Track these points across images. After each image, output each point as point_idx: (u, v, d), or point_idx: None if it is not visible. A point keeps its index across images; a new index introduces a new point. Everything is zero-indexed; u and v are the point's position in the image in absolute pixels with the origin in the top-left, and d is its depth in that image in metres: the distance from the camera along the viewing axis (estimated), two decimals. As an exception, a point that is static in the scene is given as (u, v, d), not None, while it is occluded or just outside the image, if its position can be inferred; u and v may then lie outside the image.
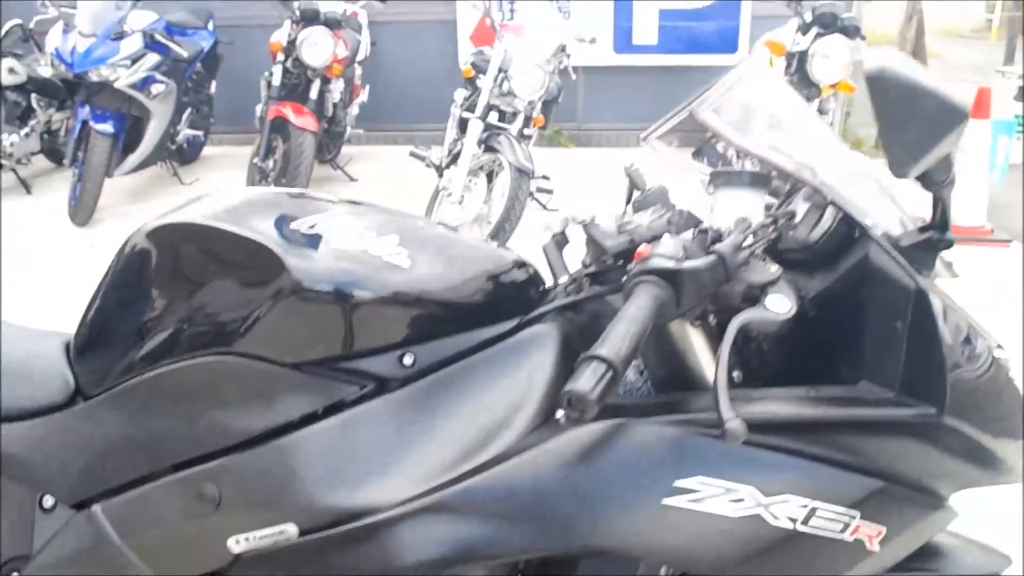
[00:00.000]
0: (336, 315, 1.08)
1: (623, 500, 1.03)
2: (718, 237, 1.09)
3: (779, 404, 1.06)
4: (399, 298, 1.10)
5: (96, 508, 1.17)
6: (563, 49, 4.66)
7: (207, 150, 6.42)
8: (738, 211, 1.12)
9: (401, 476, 1.07)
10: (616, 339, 0.92)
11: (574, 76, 4.96)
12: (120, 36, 4.93)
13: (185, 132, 5.70)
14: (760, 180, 1.14)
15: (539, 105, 4.59)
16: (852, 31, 4.33)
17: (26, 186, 5.61)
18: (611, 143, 6.52)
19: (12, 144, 5.48)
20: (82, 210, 4.91)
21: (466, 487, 1.05)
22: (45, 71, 5.41)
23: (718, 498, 1.01)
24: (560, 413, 1.08)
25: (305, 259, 1.09)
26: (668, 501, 1.02)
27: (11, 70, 5.45)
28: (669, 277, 1.00)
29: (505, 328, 1.14)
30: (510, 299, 1.19)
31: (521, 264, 1.23)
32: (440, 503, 1.05)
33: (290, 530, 1.08)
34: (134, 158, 5.15)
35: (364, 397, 1.10)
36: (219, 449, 1.12)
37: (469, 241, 1.27)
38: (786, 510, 1.02)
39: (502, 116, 4.46)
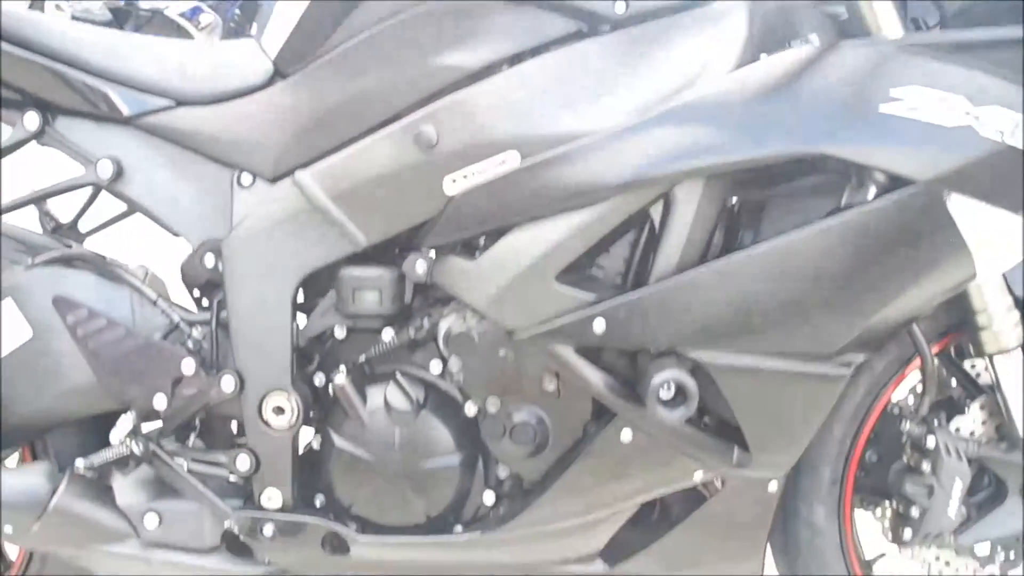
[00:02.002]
0: None
1: (840, 107, 1.07)
2: None
3: (980, 32, 1.11)
4: None
5: (300, 174, 1.21)
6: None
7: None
8: None
9: (619, 102, 1.11)
10: None
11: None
12: (170, -35, 4.99)
13: (227, 71, 5.73)
14: None
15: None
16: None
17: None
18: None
19: None
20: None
21: (683, 104, 1.09)
22: (94, 3, 5.44)
23: (932, 106, 1.06)
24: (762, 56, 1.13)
25: None
26: (884, 108, 1.06)
27: (57, 6, 5.48)
28: None
29: None
30: None
31: None
32: (660, 118, 1.09)
33: (511, 158, 1.12)
34: (181, 90, 5.18)
35: (577, 37, 1.14)
36: (433, 93, 1.16)
37: None
38: (995, 121, 1.06)
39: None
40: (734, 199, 1.19)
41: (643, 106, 1.11)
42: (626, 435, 1.18)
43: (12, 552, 1.54)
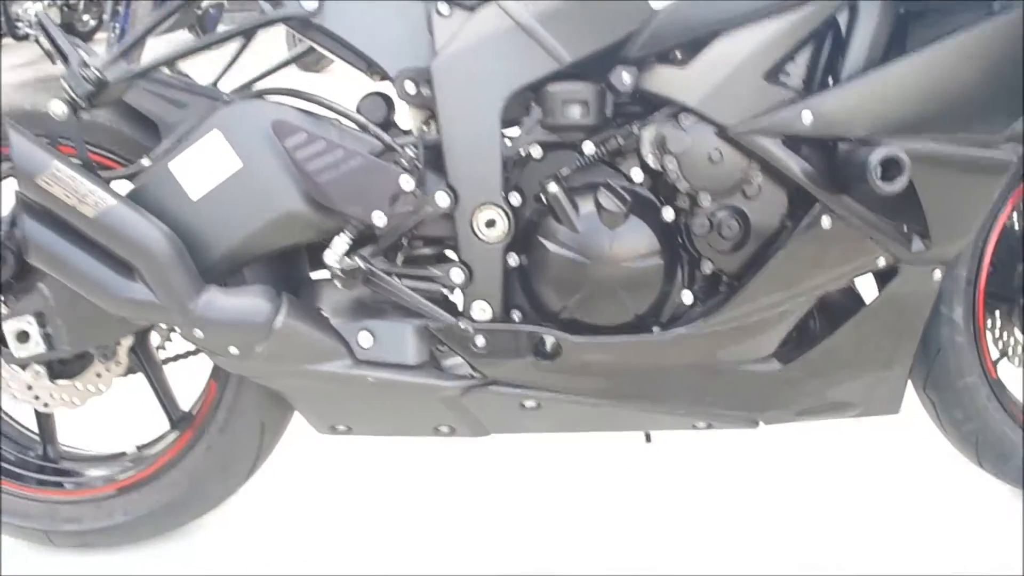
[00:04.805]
0: None
1: None
2: None
3: None
4: None
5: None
6: None
7: (220, 27, 6.35)
8: None
9: None
10: None
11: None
12: None
13: None
14: None
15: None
16: None
17: (50, 56, 5.49)
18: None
19: (36, 14, 5.34)
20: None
21: None
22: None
23: None
24: None
25: None
26: None
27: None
28: None
29: None
30: None
31: None
32: None
33: None
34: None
35: None
36: None
37: None
38: None
39: None
40: (902, 9, 1.32)
41: None
42: (826, 222, 1.30)
43: (185, 403, 1.60)
